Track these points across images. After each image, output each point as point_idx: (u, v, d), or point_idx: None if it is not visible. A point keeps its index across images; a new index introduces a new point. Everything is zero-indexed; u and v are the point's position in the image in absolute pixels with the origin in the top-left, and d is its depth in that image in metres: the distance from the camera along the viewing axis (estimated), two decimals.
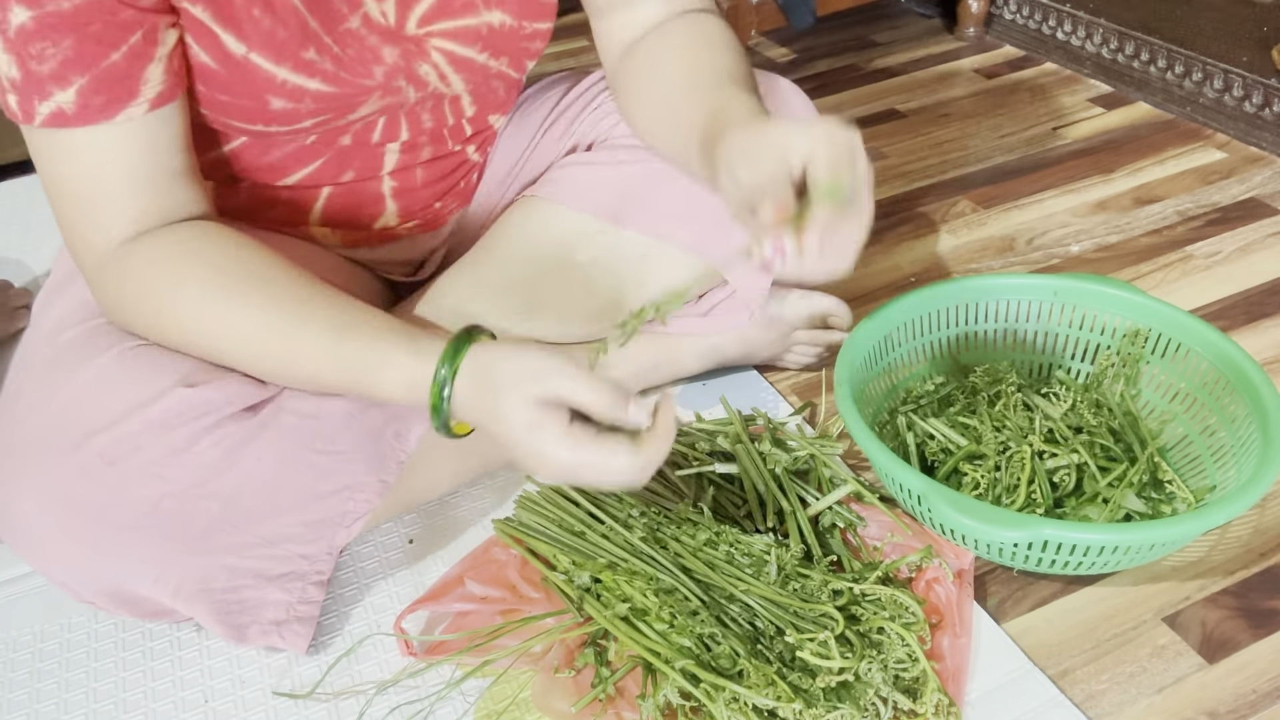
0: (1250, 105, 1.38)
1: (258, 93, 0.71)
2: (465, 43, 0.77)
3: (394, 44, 0.74)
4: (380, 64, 0.74)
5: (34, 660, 0.79)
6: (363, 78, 0.74)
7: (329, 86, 0.72)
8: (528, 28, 0.80)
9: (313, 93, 0.72)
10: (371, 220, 0.88)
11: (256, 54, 0.69)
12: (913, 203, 1.32)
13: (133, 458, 0.65)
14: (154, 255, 0.67)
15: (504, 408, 0.61)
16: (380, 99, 0.76)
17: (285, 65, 0.70)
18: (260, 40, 0.69)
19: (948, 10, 1.83)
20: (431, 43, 0.76)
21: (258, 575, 0.72)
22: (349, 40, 0.72)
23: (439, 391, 0.63)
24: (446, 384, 0.63)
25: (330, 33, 0.71)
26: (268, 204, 0.83)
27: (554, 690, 0.71)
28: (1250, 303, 1.09)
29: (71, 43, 0.62)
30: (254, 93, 0.71)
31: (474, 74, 0.80)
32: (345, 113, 0.75)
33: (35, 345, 0.74)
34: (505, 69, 0.81)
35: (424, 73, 0.77)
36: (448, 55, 0.77)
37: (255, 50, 0.69)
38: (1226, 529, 0.83)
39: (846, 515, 0.82)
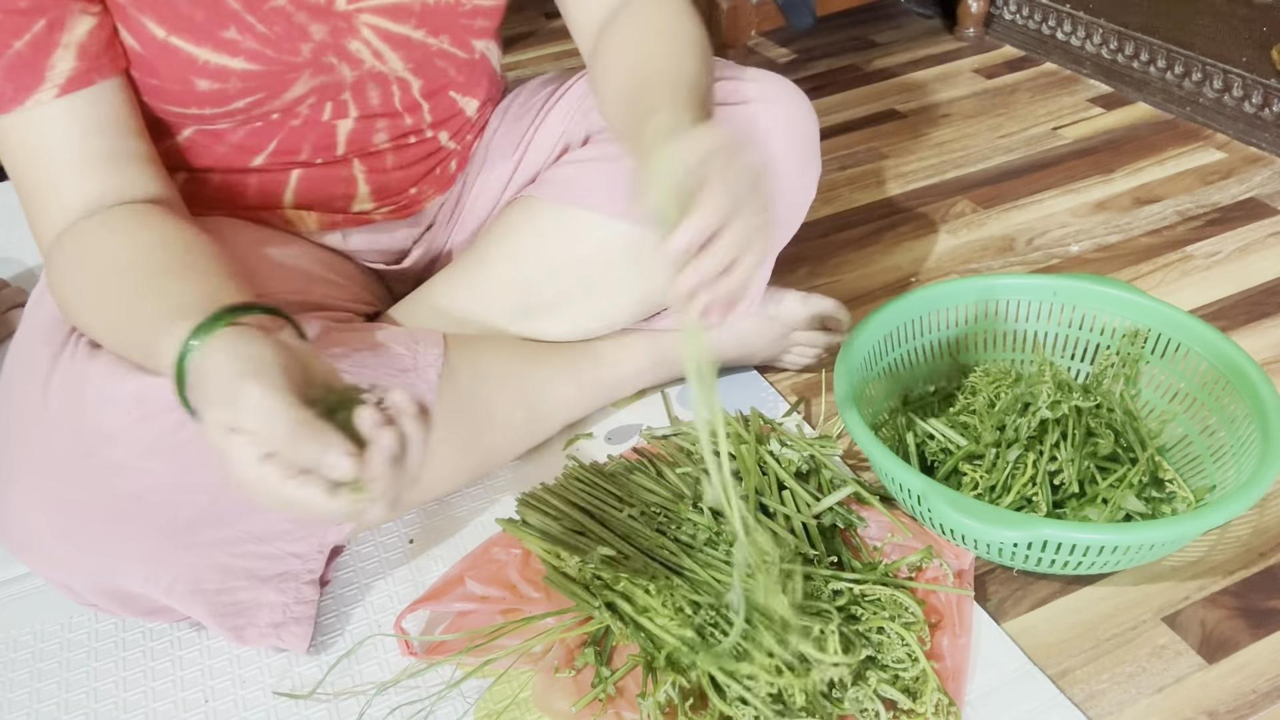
0: (1250, 105, 1.38)
1: (183, 75, 0.72)
2: (397, 19, 0.77)
3: (322, 20, 0.74)
4: (308, 40, 0.74)
5: (34, 660, 0.79)
6: (289, 54, 0.74)
7: (254, 65, 0.73)
8: (467, 4, 0.80)
9: (238, 72, 0.73)
10: (346, 202, 0.88)
11: (176, 36, 0.70)
12: (912, 203, 1.32)
13: (115, 450, 0.65)
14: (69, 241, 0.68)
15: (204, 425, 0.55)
16: (312, 77, 0.76)
17: (206, 46, 0.71)
18: (178, 22, 0.70)
19: (947, 10, 1.83)
20: (361, 18, 0.76)
21: (251, 575, 0.72)
22: (274, 18, 0.73)
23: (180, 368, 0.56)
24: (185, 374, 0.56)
25: (253, 11, 0.72)
26: (239, 189, 0.84)
27: (554, 690, 0.72)
28: (1250, 303, 1.09)
29: None
30: (179, 75, 0.72)
31: (412, 51, 0.80)
32: (278, 91, 0.76)
33: (27, 343, 0.74)
34: (448, 47, 0.81)
35: (355, 49, 0.77)
36: (379, 32, 0.77)
37: (175, 33, 0.70)
38: (1226, 529, 0.83)
39: (847, 515, 0.82)
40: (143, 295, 0.63)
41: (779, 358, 1.01)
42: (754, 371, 1.02)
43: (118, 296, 0.64)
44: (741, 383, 1.01)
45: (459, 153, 0.94)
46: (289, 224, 0.87)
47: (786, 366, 1.03)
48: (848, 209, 1.32)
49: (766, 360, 1.02)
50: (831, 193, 1.36)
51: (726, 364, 1.00)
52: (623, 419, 0.98)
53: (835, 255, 1.23)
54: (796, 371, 1.03)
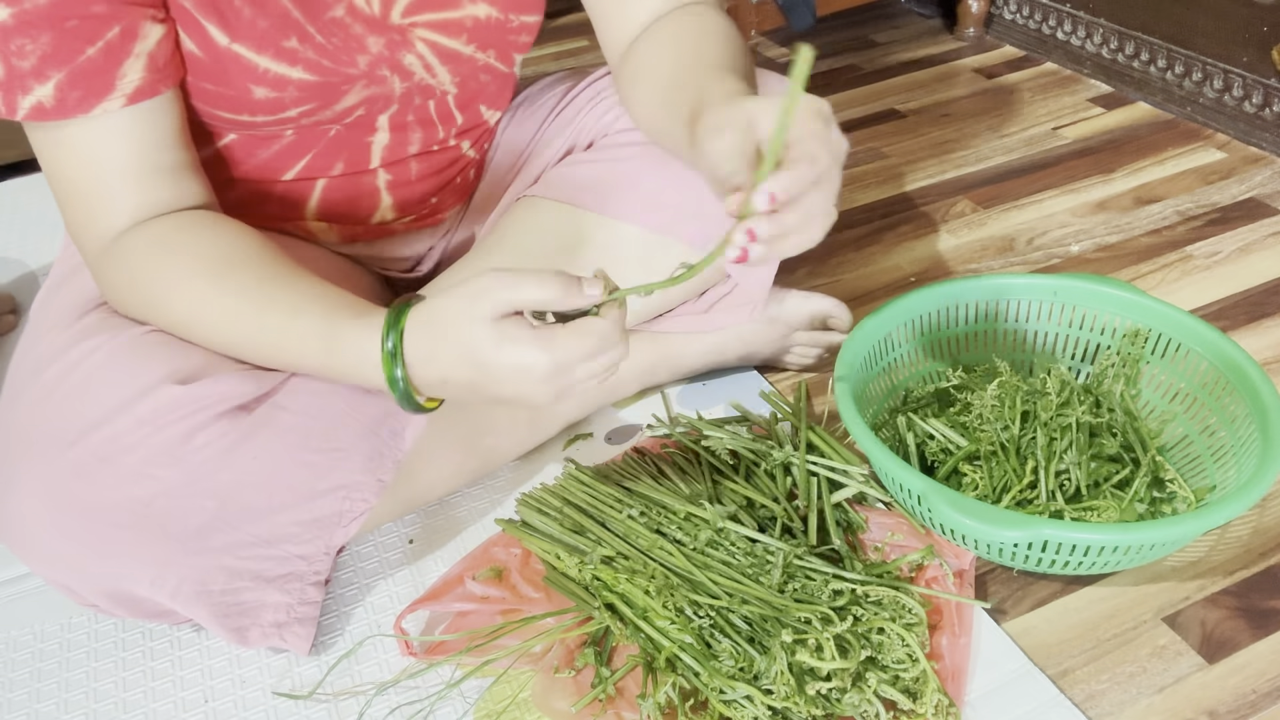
0: (1250, 105, 1.38)
1: (241, 82, 0.72)
2: (450, 34, 0.77)
3: (379, 33, 0.75)
4: (364, 53, 0.74)
5: (34, 660, 0.79)
6: (346, 66, 0.74)
7: (312, 75, 0.73)
8: (514, 21, 0.80)
9: (296, 81, 0.73)
10: (368, 214, 0.88)
11: (239, 43, 0.70)
12: (913, 203, 1.32)
13: (125, 456, 0.66)
14: (142, 243, 0.68)
15: (465, 340, 0.59)
16: (365, 88, 0.76)
17: (267, 54, 0.71)
18: (243, 29, 0.70)
19: (948, 10, 1.83)
20: (416, 33, 0.76)
21: (256, 577, 0.72)
22: (333, 29, 0.73)
23: (390, 361, 0.61)
24: (396, 352, 0.61)
25: (314, 21, 0.72)
26: (263, 199, 0.84)
27: (554, 690, 0.71)
28: (1250, 303, 1.09)
29: (49, 38, 0.63)
30: (237, 82, 0.72)
31: (461, 66, 0.80)
32: (330, 102, 0.76)
33: (33, 344, 0.74)
34: (493, 62, 0.82)
35: (409, 63, 0.77)
36: (432, 46, 0.77)
37: (238, 40, 0.70)
38: (1226, 529, 0.83)
39: (852, 516, 0.82)
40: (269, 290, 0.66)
41: (780, 358, 1.01)
42: (755, 371, 1.02)
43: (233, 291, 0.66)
44: (742, 383, 1.01)
45: (477, 161, 0.94)
46: (310, 236, 0.88)
47: (787, 366, 1.03)
48: (848, 209, 1.32)
49: (768, 360, 1.02)
50: None
51: (728, 364, 1.00)
52: (623, 419, 0.98)
53: (835, 255, 1.23)
54: (797, 371, 1.03)
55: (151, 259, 0.68)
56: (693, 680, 0.69)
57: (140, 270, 0.68)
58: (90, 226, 0.69)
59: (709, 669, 0.68)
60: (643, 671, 0.71)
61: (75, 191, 0.68)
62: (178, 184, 0.70)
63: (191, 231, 0.69)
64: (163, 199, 0.69)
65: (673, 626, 0.71)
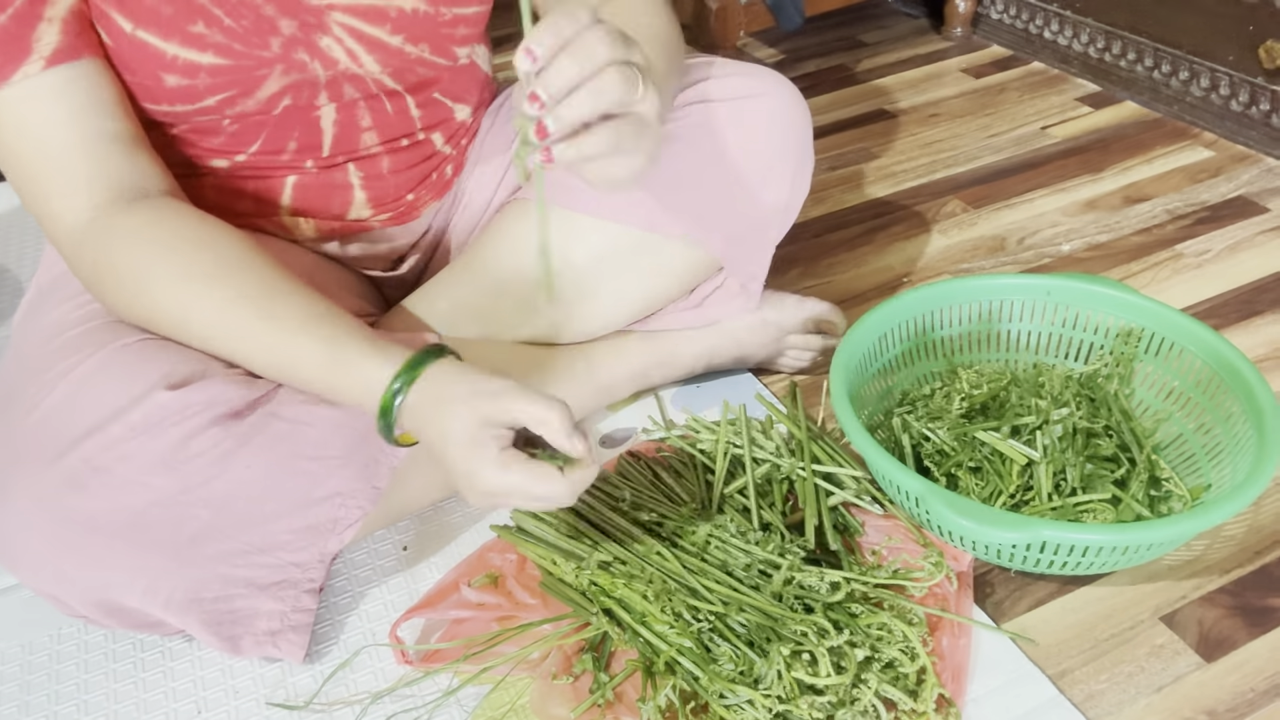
0: (1237, 104, 1.38)
1: (152, 70, 0.71)
2: (371, 22, 0.76)
3: (291, 15, 0.74)
4: (277, 35, 0.74)
5: (23, 673, 0.78)
6: (259, 49, 0.73)
7: (222, 59, 0.72)
8: (446, 14, 0.79)
9: (206, 67, 0.72)
10: (343, 209, 0.87)
11: (144, 30, 0.70)
12: (903, 203, 1.32)
13: (118, 464, 0.65)
14: (128, 235, 0.68)
15: (449, 422, 0.63)
16: (284, 74, 0.75)
17: (174, 40, 0.71)
18: (145, 16, 0.70)
19: (935, 10, 1.83)
20: (333, 16, 0.75)
21: (249, 584, 0.71)
22: (242, 11, 0.72)
23: (391, 397, 0.65)
24: (401, 391, 0.65)
25: (220, 4, 0.71)
26: (236, 194, 0.83)
27: (552, 697, 0.71)
28: (1240, 300, 1.09)
29: None
30: (149, 70, 0.71)
31: (389, 56, 0.79)
32: (249, 89, 0.75)
33: (20, 355, 0.73)
34: (428, 55, 0.80)
35: (326, 46, 0.76)
36: (352, 32, 0.76)
37: (142, 27, 0.70)
38: (1221, 528, 0.83)
39: (849, 520, 0.81)
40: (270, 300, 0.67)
41: (774, 361, 1.01)
42: (749, 374, 1.02)
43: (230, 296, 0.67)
44: (737, 385, 1.01)
45: (454, 158, 0.93)
46: (286, 231, 0.87)
47: (781, 369, 1.02)
48: (839, 209, 1.32)
49: (761, 363, 1.01)
50: (822, 193, 1.36)
51: (722, 366, 1.00)
52: (617, 422, 0.97)
53: (827, 256, 1.23)
54: (791, 374, 1.03)
55: (137, 253, 0.67)
56: (692, 684, 0.69)
57: (128, 261, 0.67)
58: (50, 207, 0.68)
59: (709, 672, 0.68)
60: (642, 676, 0.70)
61: (25, 172, 0.68)
62: (132, 157, 0.70)
63: (176, 226, 0.69)
64: (119, 172, 0.69)
65: (671, 631, 0.71)
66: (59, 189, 0.68)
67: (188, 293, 0.67)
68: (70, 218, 0.68)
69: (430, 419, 0.64)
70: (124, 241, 0.68)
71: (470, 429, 0.62)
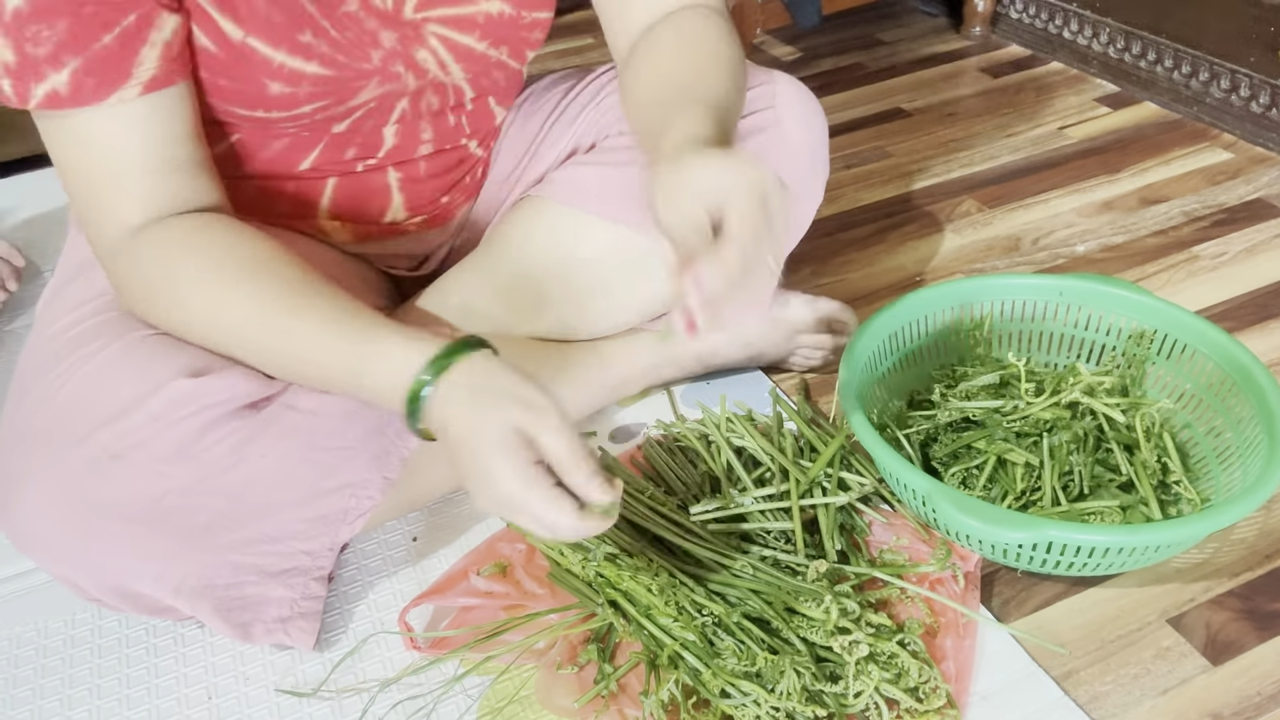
0: (1257, 105, 1.37)
1: (256, 77, 0.71)
2: (462, 30, 0.77)
3: (392, 28, 0.74)
4: (378, 48, 0.74)
5: (38, 656, 0.79)
6: (360, 61, 0.74)
7: (326, 70, 0.73)
8: (527, 17, 0.80)
9: (310, 76, 0.72)
10: (379, 213, 0.88)
11: (254, 38, 0.70)
12: (918, 202, 1.32)
13: (137, 453, 0.66)
14: (160, 245, 0.67)
15: (484, 419, 0.60)
16: (379, 84, 0.76)
17: (282, 49, 0.71)
18: (257, 24, 0.69)
19: (954, 9, 1.83)
20: (429, 28, 0.76)
21: (260, 572, 0.72)
22: (347, 23, 0.72)
23: (420, 386, 0.63)
24: (431, 381, 0.62)
25: (328, 16, 0.72)
26: (275, 197, 0.83)
27: (557, 686, 0.72)
28: (1256, 304, 1.09)
29: (66, 25, 0.62)
30: (252, 77, 0.71)
31: (474, 63, 0.80)
32: (345, 98, 0.75)
33: (42, 341, 0.74)
34: (505, 58, 0.82)
35: (422, 59, 0.77)
36: (446, 42, 0.77)
37: (252, 34, 0.69)
38: (1231, 531, 0.83)
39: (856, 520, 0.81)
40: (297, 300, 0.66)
41: (785, 359, 1.01)
42: (759, 372, 1.02)
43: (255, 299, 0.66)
44: (748, 382, 1.01)
45: (484, 159, 0.94)
46: (322, 234, 0.87)
47: (792, 367, 1.02)
48: (853, 208, 1.32)
49: (773, 361, 1.01)
50: (837, 191, 1.35)
51: (733, 365, 1.00)
52: (626, 418, 0.97)
53: (840, 254, 1.23)
54: (802, 372, 1.03)
55: (169, 261, 0.67)
56: (694, 680, 0.69)
57: (157, 272, 0.67)
58: (103, 222, 0.68)
59: (713, 667, 0.68)
60: (645, 668, 0.71)
61: (88, 184, 0.68)
62: (191, 180, 0.70)
63: (210, 233, 0.68)
64: (177, 195, 0.69)
65: (675, 624, 0.71)
66: (117, 208, 0.68)
67: (217, 293, 0.67)
68: (115, 233, 0.68)
69: (460, 412, 0.62)
70: (152, 253, 0.67)
71: (504, 432, 0.60)
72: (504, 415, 0.60)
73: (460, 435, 0.62)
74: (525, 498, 0.60)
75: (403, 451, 0.75)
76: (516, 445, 0.60)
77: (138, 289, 0.69)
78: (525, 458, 0.60)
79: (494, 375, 0.62)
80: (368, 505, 0.74)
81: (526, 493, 0.60)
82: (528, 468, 0.60)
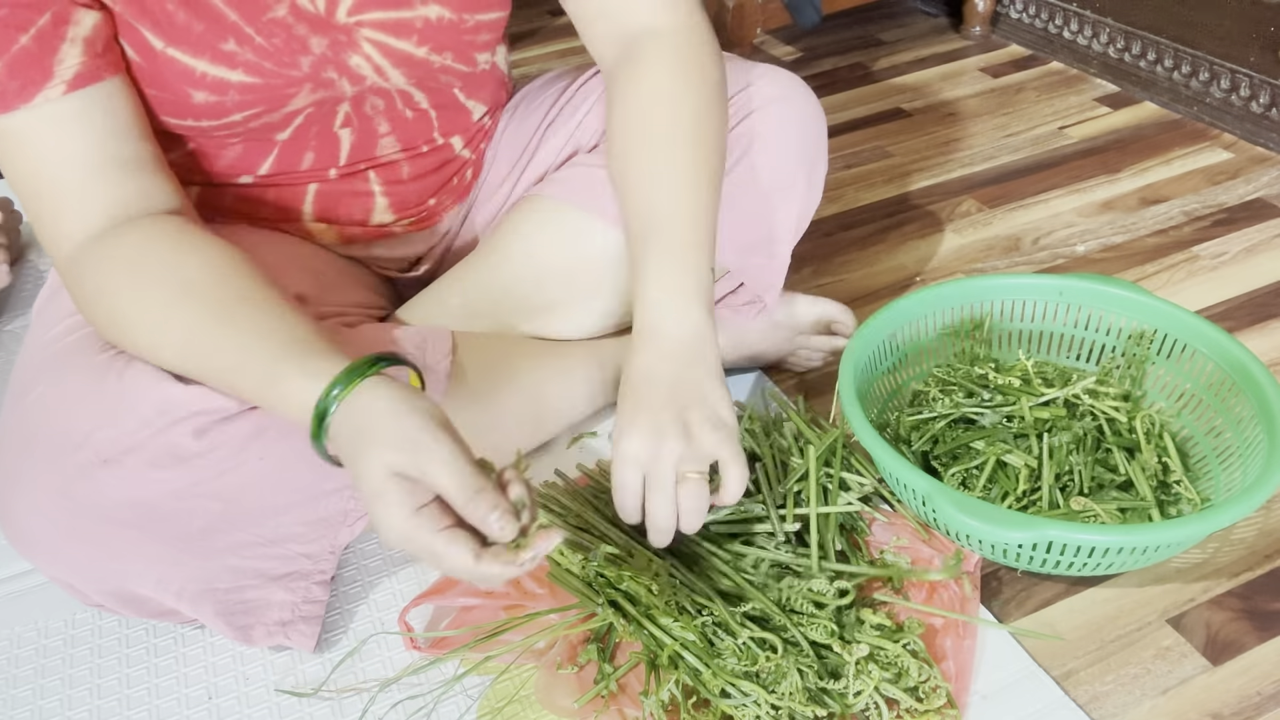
0: (1257, 105, 1.37)
1: (179, 86, 0.71)
2: (399, 35, 0.76)
3: (322, 34, 0.73)
4: (307, 54, 0.73)
5: (38, 656, 0.79)
6: (289, 68, 0.73)
7: (252, 77, 0.72)
8: (469, 20, 0.78)
9: (236, 84, 0.72)
10: (365, 216, 0.88)
11: (175, 48, 0.69)
12: (918, 202, 1.32)
13: (130, 457, 0.65)
14: (110, 257, 0.66)
15: (365, 464, 0.58)
16: (312, 91, 0.75)
17: (204, 58, 0.70)
18: (177, 33, 0.69)
19: (954, 9, 1.83)
20: (362, 33, 0.75)
21: (261, 575, 0.72)
22: (274, 29, 0.72)
23: (318, 423, 0.60)
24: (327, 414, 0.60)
25: (252, 23, 0.71)
26: (256, 203, 0.83)
27: (557, 687, 0.72)
28: (1256, 304, 1.09)
29: None
30: (176, 87, 0.71)
31: (414, 68, 0.78)
32: (276, 105, 0.75)
33: (39, 346, 0.74)
34: (451, 63, 0.80)
35: (355, 64, 0.76)
36: (380, 47, 0.76)
37: (174, 44, 0.69)
38: (1231, 531, 0.83)
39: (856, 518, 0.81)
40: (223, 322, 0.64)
41: (785, 360, 1.01)
42: (760, 372, 1.02)
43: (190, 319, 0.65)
44: (748, 382, 1.01)
45: (473, 162, 0.93)
46: (310, 237, 0.87)
47: (792, 368, 1.02)
48: (853, 208, 1.32)
49: (773, 362, 1.01)
50: (836, 191, 1.35)
51: (732, 366, 1.00)
52: None
53: (840, 254, 1.23)
54: (802, 373, 1.03)
55: (117, 276, 0.66)
56: (694, 680, 0.69)
57: (103, 284, 0.66)
58: (56, 228, 0.67)
59: (713, 667, 0.68)
60: (645, 668, 0.71)
61: (35, 191, 0.67)
62: (142, 179, 0.68)
63: (156, 247, 0.67)
64: (128, 196, 0.67)
65: (675, 624, 0.71)
66: (68, 212, 0.67)
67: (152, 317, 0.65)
68: (67, 244, 0.67)
69: (346, 454, 0.60)
70: (101, 263, 0.66)
71: (384, 476, 0.57)
72: (381, 460, 0.57)
73: (353, 478, 0.60)
74: (414, 540, 0.57)
75: None
76: (398, 489, 0.57)
77: (84, 301, 0.68)
78: (410, 501, 0.57)
79: (374, 415, 0.59)
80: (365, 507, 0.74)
81: (415, 534, 0.57)
82: (412, 511, 0.57)
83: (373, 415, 0.59)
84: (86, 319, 0.70)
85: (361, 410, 0.59)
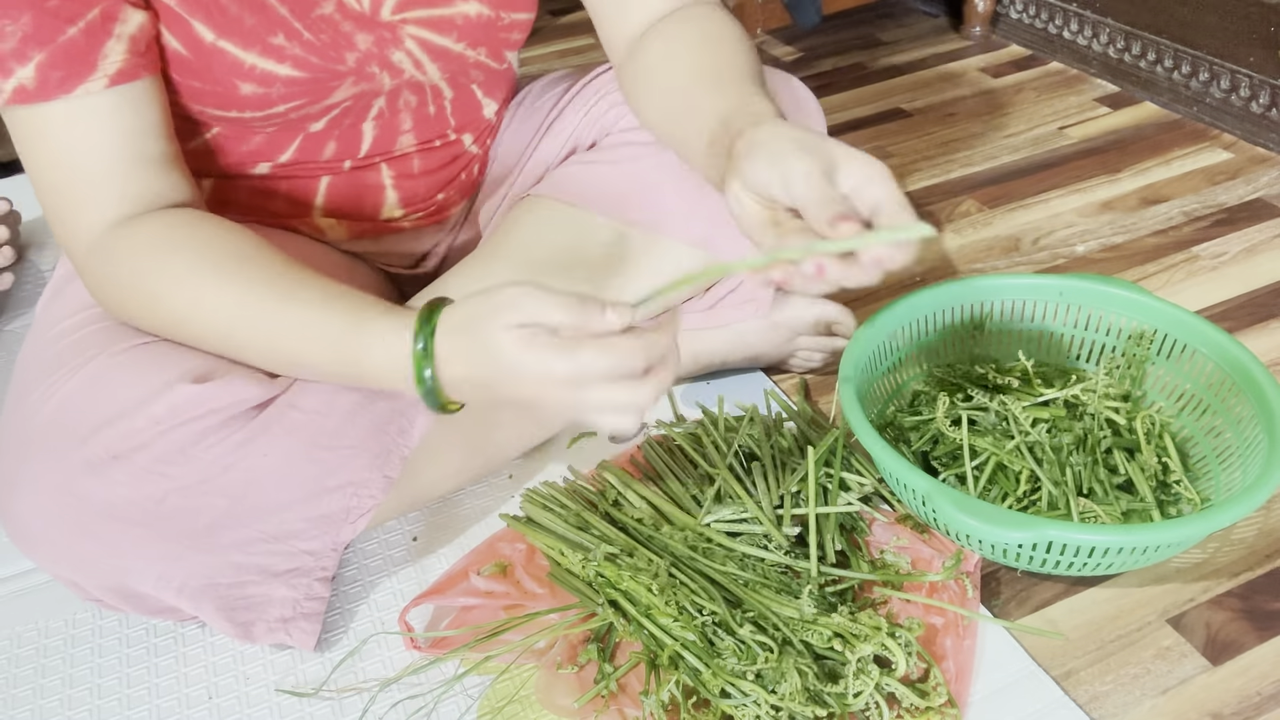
0: (1257, 105, 1.37)
1: (228, 78, 0.72)
2: (440, 32, 0.78)
3: (368, 30, 0.75)
4: (353, 50, 0.75)
5: (38, 656, 0.79)
6: (335, 63, 0.74)
7: (299, 72, 0.73)
8: (505, 18, 0.80)
9: (283, 78, 0.73)
10: (375, 210, 0.88)
11: (225, 40, 0.70)
12: (918, 202, 1.32)
13: (139, 454, 0.66)
14: (139, 239, 0.67)
15: (491, 340, 0.59)
16: (354, 85, 0.77)
17: (254, 50, 0.71)
18: (228, 26, 0.70)
19: (954, 9, 1.83)
20: (406, 30, 0.76)
21: (262, 571, 0.72)
22: (322, 25, 0.73)
23: (420, 360, 0.61)
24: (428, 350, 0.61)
25: (301, 18, 0.72)
26: (269, 195, 0.84)
27: (557, 686, 0.72)
28: (1256, 304, 1.09)
29: (30, 18, 0.63)
30: (224, 78, 0.72)
31: (450, 63, 0.80)
32: (319, 98, 0.76)
33: (42, 343, 0.74)
34: (484, 59, 0.82)
35: (398, 60, 0.77)
36: (422, 43, 0.78)
37: (224, 36, 0.70)
38: (1231, 531, 0.83)
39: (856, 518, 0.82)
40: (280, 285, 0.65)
41: (785, 360, 1.01)
42: (760, 372, 1.02)
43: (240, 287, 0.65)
44: (748, 382, 1.01)
45: (480, 157, 0.94)
46: (319, 232, 0.88)
47: (792, 369, 1.03)
48: None
49: (772, 363, 1.02)
50: None
51: (732, 366, 1.00)
52: None
53: None
54: (801, 373, 1.03)
55: (151, 255, 0.67)
56: (694, 680, 0.69)
57: (137, 266, 0.67)
58: (76, 220, 0.68)
59: (713, 667, 0.68)
60: (645, 668, 0.71)
61: (58, 182, 0.68)
62: (163, 176, 0.70)
63: (188, 228, 0.68)
64: (148, 191, 0.68)
65: (676, 624, 0.71)
66: (89, 205, 0.68)
67: (198, 287, 0.66)
68: (88, 231, 0.68)
69: (470, 354, 0.60)
70: (131, 248, 0.67)
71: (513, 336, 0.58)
72: (502, 323, 0.58)
73: (488, 371, 0.60)
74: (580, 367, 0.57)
75: (403, 450, 0.75)
76: (533, 335, 0.58)
77: (112, 288, 0.68)
78: (543, 342, 0.58)
79: (470, 308, 0.60)
80: (369, 504, 0.74)
81: (576, 360, 0.57)
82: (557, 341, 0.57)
83: (471, 313, 0.60)
84: (110, 307, 0.70)
85: (461, 318, 0.60)
